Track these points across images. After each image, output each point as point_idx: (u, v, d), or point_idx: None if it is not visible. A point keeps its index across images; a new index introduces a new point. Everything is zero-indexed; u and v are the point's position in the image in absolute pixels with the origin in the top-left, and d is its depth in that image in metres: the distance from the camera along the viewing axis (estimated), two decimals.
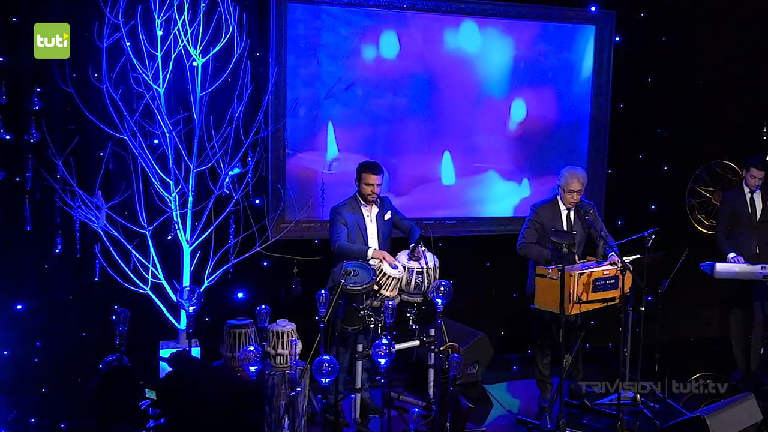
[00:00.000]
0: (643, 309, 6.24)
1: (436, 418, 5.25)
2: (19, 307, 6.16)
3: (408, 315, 5.74)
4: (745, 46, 7.86)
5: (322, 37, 6.66)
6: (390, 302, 5.15)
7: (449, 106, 7.11)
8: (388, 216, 5.96)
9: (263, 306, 4.96)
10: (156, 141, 5.99)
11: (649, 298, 7.48)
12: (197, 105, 5.95)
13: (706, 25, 7.79)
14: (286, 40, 6.52)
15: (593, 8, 7.48)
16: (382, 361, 4.92)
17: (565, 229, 6.09)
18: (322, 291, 5.06)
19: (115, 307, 5.98)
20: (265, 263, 6.60)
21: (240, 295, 6.55)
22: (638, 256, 6.15)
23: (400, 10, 6.87)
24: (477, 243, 7.36)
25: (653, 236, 6.09)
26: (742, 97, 7.90)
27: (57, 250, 6.07)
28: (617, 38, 7.60)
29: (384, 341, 4.93)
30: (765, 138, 8.04)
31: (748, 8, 7.82)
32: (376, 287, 5.55)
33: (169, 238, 6.01)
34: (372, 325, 5.42)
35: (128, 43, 5.79)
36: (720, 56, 7.87)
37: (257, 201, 6.45)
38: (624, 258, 5.98)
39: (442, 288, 5.28)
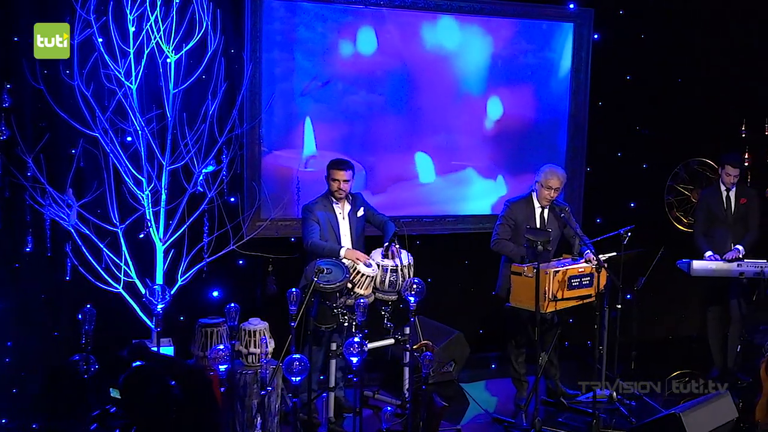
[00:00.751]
0: (619, 306, 6.23)
1: (409, 416, 5.22)
2: None
3: (383, 313, 5.72)
4: (723, 44, 7.87)
5: (298, 33, 6.62)
6: (361, 300, 5.11)
7: (427, 103, 7.08)
8: (360, 213, 5.93)
9: (232, 304, 4.91)
10: (129, 138, 5.93)
11: (629, 296, 7.51)
12: (170, 102, 5.89)
13: (685, 22, 7.79)
14: (262, 36, 6.47)
15: (572, 6, 7.46)
16: (354, 359, 4.89)
17: (539, 226, 6.07)
18: (293, 289, 5.02)
19: (88, 306, 5.94)
20: (240, 262, 6.55)
21: (215, 293, 6.49)
22: (614, 253, 6.15)
23: (377, 6, 6.84)
24: (455, 241, 7.34)
25: (629, 234, 6.09)
26: (721, 94, 7.90)
27: (27, 249, 5.99)
28: (596, 36, 7.59)
29: (356, 340, 4.90)
30: (743, 136, 8.06)
31: (726, 6, 7.82)
32: (349, 285, 5.52)
33: (142, 236, 5.94)
34: (346, 324, 5.39)
35: (100, 40, 5.72)
36: (698, 54, 7.87)
37: (232, 199, 6.39)
38: (600, 256, 5.98)
39: (414, 286, 5.25)
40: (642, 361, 7.01)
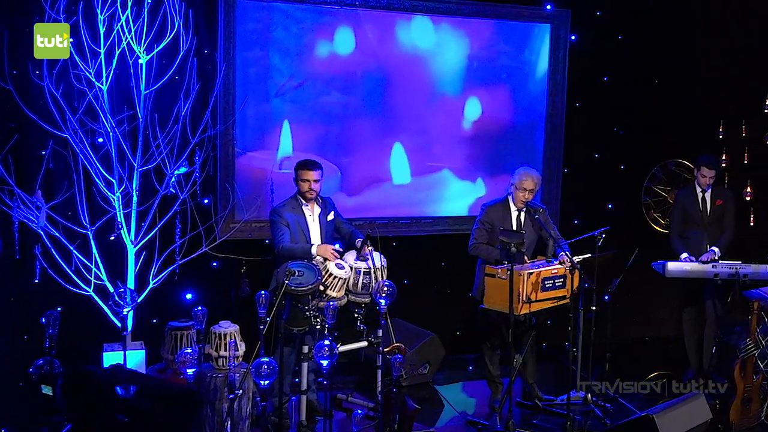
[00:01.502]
0: (594, 308, 6.20)
1: (380, 419, 5.19)
2: None
3: (356, 315, 5.68)
4: (700, 45, 7.88)
5: (273, 33, 6.58)
6: (331, 303, 5.07)
7: (403, 104, 7.06)
8: (331, 216, 5.88)
9: (199, 308, 4.87)
10: (101, 140, 5.88)
11: (607, 298, 7.50)
12: (142, 103, 5.85)
13: (662, 23, 7.79)
14: (235, 36, 6.43)
15: (548, 7, 7.45)
16: (324, 362, 4.85)
17: (515, 229, 6.05)
18: (262, 292, 4.98)
19: (59, 309, 5.88)
20: (214, 264, 6.51)
21: (188, 296, 6.44)
22: (589, 255, 6.13)
23: (353, 7, 6.80)
24: (431, 243, 7.31)
25: (603, 235, 6.06)
26: (698, 95, 7.90)
27: None
28: (573, 37, 7.58)
29: (326, 343, 4.86)
30: (721, 137, 8.06)
31: (704, 7, 7.83)
32: (321, 288, 5.48)
33: (112, 238, 5.89)
34: (318, 326, 5.34)
35: (71, 40, 5.67)
36: (675, 55, 7.87)
37: (206, 201, 6.34)
38: (575, 257, 5.96)
39: (385, 288, 5.22)
40: (618, 363, 6.99)
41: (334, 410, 5.99)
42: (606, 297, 7.21)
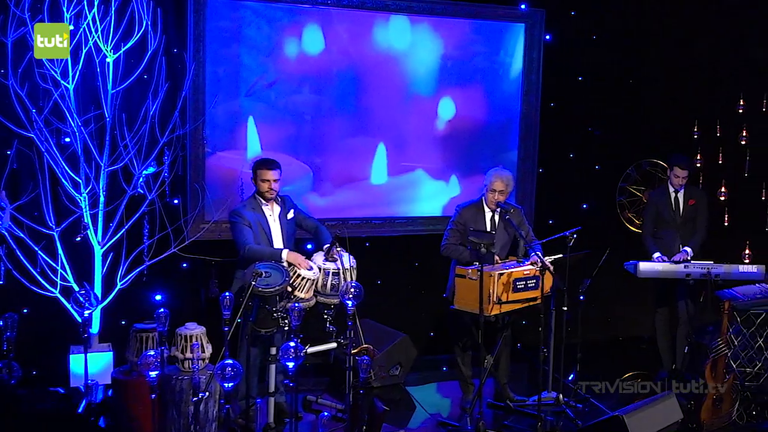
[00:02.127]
0: (566, 309, 6.18)
1: (347, 421, 5.15)
2: None
3: (325, 317, 5.63)
4: (675, 45, 7.87)
5: (243, 32, 6.53)
6: (296, 305, 5.02)
7: (376, 103, 7.02)
8: (291, 215, 5.80)
9: (162, 309, 4.81)
10: (68, 139, 5.81)
11: (582, 298, 7.49)
12: (109, 102, 5.80)
13: (637, 23, 7.79)
14: (205, 35, 6.37)
15: (523, 6, 7.43)
16: (290, 364, 4.81)
17: (488, 230, 6.03)
18: (227, 293, 4.92)
19: (25, 310, 5.83)
20: (184, 264, 6.44)
21: (158, 297, 6.37)
22: (560, 255, 6.11)
23: (325, 6, 6.76)
24: (405, 243, 7.28)
25: (575, 236, 6.04)
26: (673, 95, 7.90)
27: None
28: (547, 36, 7.56)
29: (291, 344, 4.81)
30: (695, 137, 8.07)
31: (679, 7, 7.82)
32: (290, 289, 5.42)
33: (78, 239, 5.83)
34: (286, 328, 5.29)
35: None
36: (650, 55, 7.88)
37: (175, 201, 6.28)
38: (546, 258, 5.94)
39: (352, 290, 5.16)
40: (591, 363, 7.00)
41: (305, 412, 5.99)
42: (581, 297, 7.22)
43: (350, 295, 5.14)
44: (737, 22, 7.99)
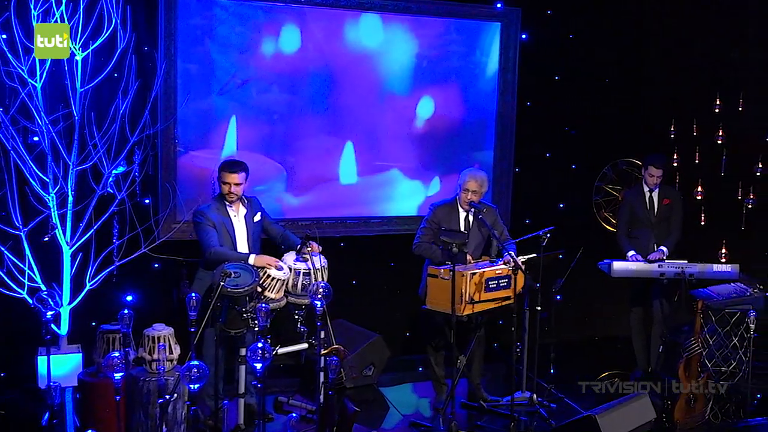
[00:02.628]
0: (539, 308, 6.16)
1: (317, 422, 5.11)
2: None
3: (296, 317, 5.59)
4: (651, 44, 7.88)
5: (216, 30, 6.46)
6: (263, 306, 4.98)
7: (351, 102, 6.97)
8: (257, 218, 5.75)
9: (126, 310, 4.74)
10: (36, 138, 5.74)
11: (559, 297, 7.49)
12: (77, 101, 5.74)
13: (613, 22, 7.77)
14: (177, 33, 6.30)
15: (499, 5, 7.40)
16: (258, 365, 4.76)
17: (462, 230, 6.00)
18: (192, 294, 4.87)
19: None
20: (155, 265, 6.38)
21: (129, 298, 6.31)
22: (534, 255, 6.09)
23: (298, 4, 6.71)
24: (380, 243, 7.23)
25: (548, 235, 6.02)
26: (649, 95, 7.91)
27: None
28: (523, 35, 7.53)
29: (259, 345, 4.76)
30: (672, 136, 8.07)
31: (655, 7, 7.82)
32: (259, 289, 5.38)
33: (46, 239, 5.76)
34: (256, 329, 5.24)
35: (3, 36, 5.56)
36: (627, 54, 7.87)
37: (146, 200, 6.22)
38: (519, 257, 5.92)
39: (321, 290, 5.12)
40: (566, 363, 6.98)
41: (276, 413, 5.94)
42: (558, 297, 7.21)
43: (319, 296, 5.10)
44: (714, 21, 7.99)
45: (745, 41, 8.01)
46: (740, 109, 8.14)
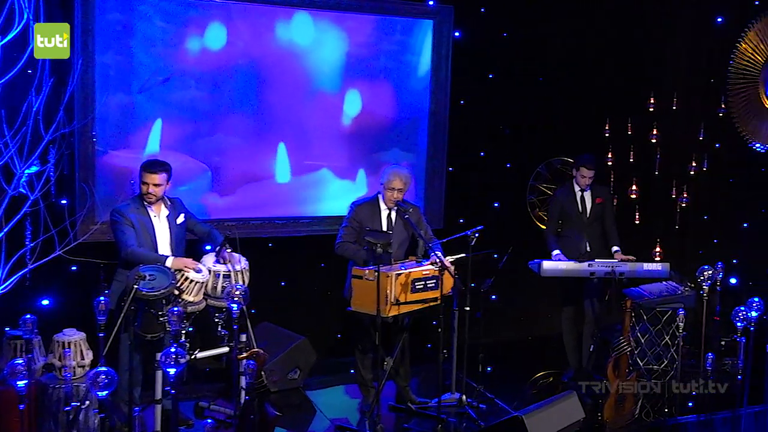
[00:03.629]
0: (468, 309, 6.09)
1: (234, 427, 4.97)
2: None
3: (216, 320, 5.45)
4: (586, 42, 7.86)
5: (136, 26, 6.25)
6: (175, 309, 4.82)
7: (279, 101, 6.81)
8: (181, 219, 5.60)
9: (28, 315, 4.56)
10: None
11: (494, 297, 7.45)
12: None
13: (547, 20, 7.73)
14: (95, 28, 6.08)
15: (431, 2, 7.32)
16: (171, 371, 4.60)
17: (385, 229, 5.90)
18: (101, 298, 4.70)
19: None
20: (73, 267, 6.16)
21: (45, 302, 6.09)
22: (462, 255, 6.01)
23: (225, 0, 6.55)
24: (310, 243, 7.07)
25: (477, 235, 5.95)
26: (584, 94, 7.89)
27: None
28: (456, 33, 7.45)
29: (172, 350, 4.61)
30: (606, 135, 8.09)
31: (590, 5, 7.82)
32: (177, 292, 5.22)
33: None
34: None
35: None
36: (561, 52, 7.85)
37: (63, 201, 6.00)
38: (448, 257, 5.84)
39: (237, 292, 4.99)
40: (498, 363, 6.93)
41: (196, 419, 5.78)
42: (493, 297, 7.15)
43: (235, 298, 4.96)
44: (648, 19, 8.05)
45: (679, 39, 8.09)
46: (674, 108, 8.23)
